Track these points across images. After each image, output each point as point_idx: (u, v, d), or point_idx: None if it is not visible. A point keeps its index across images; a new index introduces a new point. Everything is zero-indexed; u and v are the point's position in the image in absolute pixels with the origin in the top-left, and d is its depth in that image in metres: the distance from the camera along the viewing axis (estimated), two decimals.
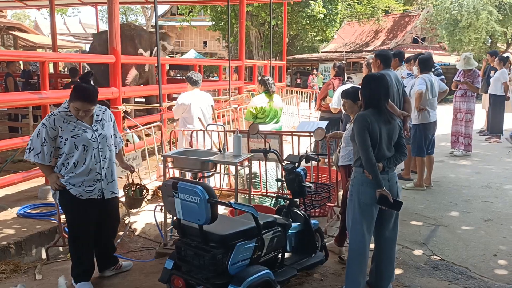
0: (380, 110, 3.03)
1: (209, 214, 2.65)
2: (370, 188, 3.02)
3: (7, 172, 5.40)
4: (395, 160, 3.09)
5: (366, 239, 3.08)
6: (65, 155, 3.18)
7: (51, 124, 3.14)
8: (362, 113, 3.07)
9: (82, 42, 29.42)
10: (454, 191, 5.83)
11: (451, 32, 22.03)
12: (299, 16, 21.65)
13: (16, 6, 15.36)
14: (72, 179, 3.19)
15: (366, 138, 2.97)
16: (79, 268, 3.34)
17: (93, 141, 3.22)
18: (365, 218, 3.07)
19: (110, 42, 5.82)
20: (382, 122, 3.01)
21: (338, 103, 6.13)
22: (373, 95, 3.06)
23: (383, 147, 3.03)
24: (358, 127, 3.00)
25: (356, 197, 3.09)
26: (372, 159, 2.95)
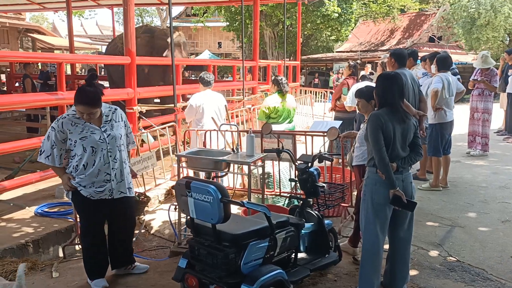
0: (395, 109, 3.00)
1: (222, 214, 2.66)
2: (383, 188, 2.99)
3: (25, 171, 5.50)
4: (409, 160, 3.06)
5: (379, 239, 3.05)
6: (76, 157, 3.23)
7: (59, 127, 3.19)
8: (375, 112, 3.05)
9: (99, 44, 29.81)
10: (471, 191, 5.75)
11: (468, 31, 21.71)
12: (313, 16, 21.59)
13: (34, 8, 15.63)
14: (83, 181, 3.24)
15: (379, 137, 2.94)
16: (91, 265, 3.39)
17: (102, 143, 3.25)
18: (378, 218, 3.04)
19: (126, 43, 5.89)
20: (397, 121, 2.98)
21: (353, 101, 6.09)
22: (387, 94, 3.04)
23: (397, 146, 3.01)
24: (372, 126, 2.98)
25: (369, 197, 3.07)
26: (385, 158, 2.93)
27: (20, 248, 3.92)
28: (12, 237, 4.07)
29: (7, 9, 16.49)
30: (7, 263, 3.66)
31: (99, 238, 3.41)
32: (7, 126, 9.58)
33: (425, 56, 6.99)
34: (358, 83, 6.25)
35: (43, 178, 5.03)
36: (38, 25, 25.21)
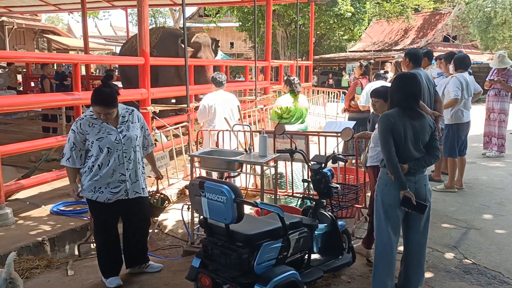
0: (408, 110, 2.97)
1: (235, 214, 2.66)
2: (393, 189, 2.97)
3: (41, 170, 5.57)
4: (424, 162, 3.01)
5: (392, 240, 3.03)
6: (92, 157, 3.27)
7: (78, 129, 3.25)
8: (386, 112, 3.04)
9: (113, 45, 30.08)
10: (487, 193, 5.67)
11: (484, 30, 21.42)
12: (326, 15, 21.49)
13: (49, 10, 15.84)
14: (98, 182, 3.28)
15: (388, 138, 2.93)
16: (105, 263, 3.44)
17: (117, 143, 3.29)
18: (389, 219, 3.03)
19: (140, 44, 5.93)
20: (409, 121, 2.95)
21: (367, 100, 6.06)
22: (400, 94, 3.01)
23: (409, 147, 2.97)
24: (381, 127, 2.98)
25: (380, 198, 3.07)
26: (393, 159, 2.91)
27: (36, 246, 3.98)
28: (28, 235, 4.12)
29: (23, 11, 16.73)
30: (24, 261, 3.72)
31: (113, 238, 3.45)
32: (23, 126, 9.71)
33: (441, 55, 6.91)
34: (373, 82, 6.20)
35: (59, 177, 5.10)
36: (54, 26, 25.57)
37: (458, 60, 5.75)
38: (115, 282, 3.38)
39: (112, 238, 3.44)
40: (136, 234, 3.57)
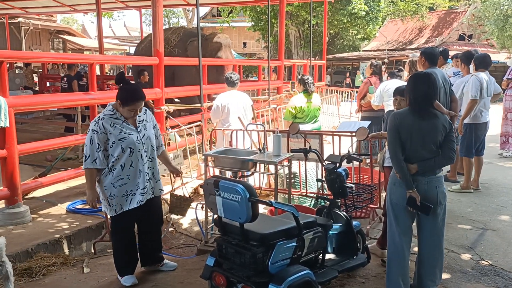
0: (418, 110, 2.95)
1: (250, 213, 2.67)
2: (401, 189, 2.98)
3: (57, 169, 5.65)
4: (434, 163, 2.96)
5: (402, 240, 3.02)
6: (113, 158, 3.25)
7: (101, 129, 3.22)
8: (395, 112, 3.07)
9: (127, 45, 30.36)
10: (504, 194, 5.59)
11: (501, 28, 21.08)
12: (340, 14, 21.37)
13: (65, 10, 16.05)
14: (128, 185, 3.29)
15: (394, 137, 2.95)
16: (121, 262, 3.46)
17: (138, 143, 3.31)
18: (398, 219, 3.03)
19: (154, 44, 5.97)
20: (418, 121, 2.93)
21: (380, 99, 6.01)
22: (411, 94, 3.00)
23: (417, 147, 2.94)
24: (388, 126, 3.02)
25: (388, 197, 3.09)
26: (398, 158, 2.92)
27: (52, 244, 4.03)
28: (45, 233, 4.18)
29: (39, 11, 16.98)
30: (41, 258, 3.77)
31: (130, 236, 3.48)
32: (39, 125, 9.85)
33: (457, 54, 6.82)
34: (387, 81, 6.16)
35: (78, 175, 5.17)
36: (69, 27, 25.89)
37: (478, 59, 5.67)
38: (131, 281, 3.41)
39: (128, 238, 3.47)
40: (153, 233, 3.61)
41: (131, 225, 3.47)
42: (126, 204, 3.31)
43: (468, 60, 6.00)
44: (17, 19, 18.57)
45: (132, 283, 3.40)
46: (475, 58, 5.73)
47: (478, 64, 5.65)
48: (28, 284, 3.47)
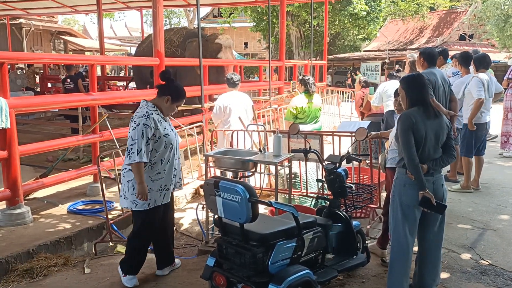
0: (426, 108, 2.96)
1: (250, 213, 2.68)
2: (412, 190, 2.95)
3: (58, 170, 5.67)
4: (441, 162, 3.00)
5: (408, 240, 3.02)
6: (156, 153, 3.31)
7: (152, 124, 3.24)
8: (406, 112, 3.02)
9: (128, 45, 30.39)
10: (504, 193, 5.59)
11: (502, 28, 21.07)
12: (340, 15, 21.37)
13: (66, 11, 16.08)
14: (164, 180, 3.38)
15: (409, 137, 2.90)
16: (133, 261, 3.46)
17: (174, 140, 3.44)
18: (407, 220, 3.01)
19: (155, 44, 5.98)
20: (429, 121, 2.93)
21: (380, 100, 6.03)
22: (416, 93, 3.01)
23: (429, 148, 2.95)
24: (402, 126, 2.95)
25: (398, 199, 3.04)
26: (415, 159, 2.88)
27: (53, 245, 4.04)
28: (46, 234, 4.20)
29: (40, 12, 17.02)
30: (42, 259, 3.78)
31: (155, 234, 3.50)
32: (40, 126, 9.87)
33: (455, 55, 6.83)
34: (386, 82, 6.18)
35: (79, 176, 5.19)
36: (70, 28, 25.90)
37: (478, 60, 5.68)
38: (133, 282, 3.42)
39: (154, 235, 3.51)
40: (168, 229, 3.64)
41: (157, 221, 3.46)
42: (160, 198, 3.39)
43: (465, 61, 6.00)
44: (18, 20, 18.60)
45: (133, 285, 3.41)
46: (475, 59, 5.73)
47: (478, 65, 5.66)
48: (29, 284, 3.48)
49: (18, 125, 4.55)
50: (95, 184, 5.36)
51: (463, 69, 6.04)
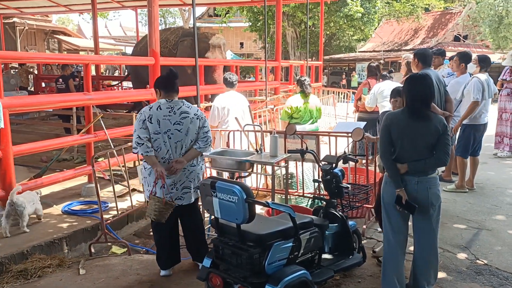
0: (415, 110, 2.97)
1: (247, 214, 2.67)
2: (391, 187, 3.02)
3: (53, 170, 5.63)
4: (425, 164, 2.97)
5: (395, 238, 3.06)
6: None
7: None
8: (390, 112, 3.12)
9: (122, 45, 30.28)
10: (498, 193, 5.62)
11: (496, 29, 21.22)
12: (336, 16, 21.40)
13: (60, 10, 16.00)
14: None
15: (384, 136, 3.01)
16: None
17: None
18: (390, 217, 3.08)
19: (150, 44, 5.95)
20: (412, 122, 2.95)
21: (373, 101, 6.04)
22: (407, 95, 3.02)
23: (408, 148, 2.97)
24: (382, 126, 3.07)
25: (381, 197, 3.14)
26: (387, 157, 2.99)
27: (48, 245, 4.01)
28: (40, 235, 4.16)
29: (34, 11, 16.92)
30: (36, 260, 3.75)
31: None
32: (34, 126, 9.80)
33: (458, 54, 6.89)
34: (380, 83, 6.19)
35: (75, 175, 5.13)
36: (64, 27, 25.76)
37: (484, 61, 5.73)
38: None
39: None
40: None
41: None
42: None
43: (466, 59, 6.02)
44: (12, 19, 18.47)
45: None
46: (481, 60, 5.75)
47: (484, 65, 5.69)
48: (23, 286, 3.45)
49: (12, 125, 4.52)
50: (90, 185, 5.33)
51: (462, 67, 6.03)
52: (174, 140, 3.38)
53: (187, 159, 3.42)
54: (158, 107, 3.39)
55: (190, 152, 3.44)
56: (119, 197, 5.02)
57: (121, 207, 4.74)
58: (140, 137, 3.35)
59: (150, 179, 3.45)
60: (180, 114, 3.40)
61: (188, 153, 3.43)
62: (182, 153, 3.42)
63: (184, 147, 3.42)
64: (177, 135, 3.38)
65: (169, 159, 3.39)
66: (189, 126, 3.40)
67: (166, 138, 3.36)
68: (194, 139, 3.46)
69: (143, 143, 3.34)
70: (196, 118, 3.45)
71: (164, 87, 3.49)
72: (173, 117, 3.37)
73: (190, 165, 3.48)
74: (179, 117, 3.39)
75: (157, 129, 3.34)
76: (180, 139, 3.39)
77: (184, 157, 3.40)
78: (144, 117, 3.37)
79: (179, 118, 3.39)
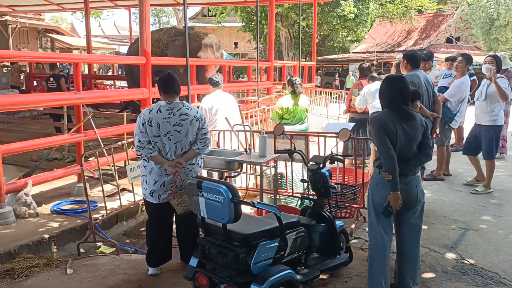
0: (397, 110, 3.00)
1: (233, 213, 2.69)
2: (384, 189, 3.00)
3: (43, 170, 5.61)
4: (415, 161, 3.02)
5: (384, 238, 3.06)
6: None
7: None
8: (377, 114, 3.08)
9: (116, 44, 30.16)
10: (486, 194, 5.66)
11: (487, 31, 21.39)
12: (329, 16, 21.48)
13: (53, 9, 15.92)
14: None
15: (384, 137, 2.94)
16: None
17: None
18: (380, 218, 3.06)
19: (141, 43, 5.95)
20: (400, 122, 2.97)
21: (363, 102, 6.08)
22: (389, 96, 3.05)
23: (402, 148, 2.99)
24: (375, 128, 3.00)
25: (371, 197, 3.11)
26: (393, 155, 2.91)
27: (36, 245, 4.00)
28: (28, 234, 4.15)
29: (27, 10, 16.82)
30: (23, 259, 3.74)
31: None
32: (25, 125, 9.75)
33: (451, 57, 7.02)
34: (369, 85, 6.24)
35: (65, 174, 5.13)
36: (57, 26, 25.61)
37: (500, 61, 5.79)
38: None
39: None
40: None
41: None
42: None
43: (471, 62, 6.17)
44: (4, 17, 18.32)
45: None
46: (498, 60, 5.80)
47: (500, 66, 5.76)
48: (10, 285, 3.44)
49: (2, 123, 4.50)
50: (80, 184, 5.31)
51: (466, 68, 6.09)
52: (173, 141, 3.41)
53: (186, 160, 3.47)
54: (158, 110, 3.41)
55: (188, 153, 3.48)
56: (109, 197, 5.02)
57: (111, 206, 4.74)
58: (141, 141, 3.40)
59: (150, 177, 3.48)
60: (180, 115, 3.42)
61: (187, 154, 3.47)
62: (181, 153, 3.45)
63: (183, 148, 3.45)
64: (176, 136, 3.41)
65: (168, 160, 3.42)
66: (189, 128, 3.43)
67: (166, 140, 3.39)
68: (193, 140, 3.49)
69: (144, 147, 3.39)
70: (196, 120, 3.48)
71: (164, 89, 3.50)
72: (173, 119, 3.39)
73: (189, 164, 3.53)
74: (179, 118, 3.41)
75: (157, 131, 3.37)
76: (180, 140, 3.42)
77: (183, 158, 3.45)
78: (144, 120, 3.39)
79: (179, 120, 3.41)
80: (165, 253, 3.64)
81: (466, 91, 6.10)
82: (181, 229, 3.67)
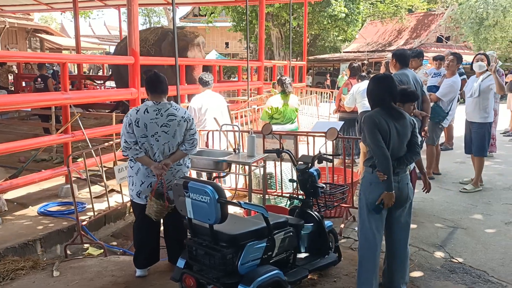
0: (387, 109, 2.99)
1: (219, 214, 2.67)
2: (377, 188, 2.98)
3: (30, 171, 5.54)
4: (405, 159, 3.03)
5: (376, 238, 3.05)
6: None
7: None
8: (369, 113, 3.05)
9: (106, 44, 29.95)
10: (475, 193, 5.69)
11: (476, 31, 21.55)
12: (320, 16, 21.51)
13: (42, 9, 15.76)
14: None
15: (377, 136, 2.92)
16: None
17: None
18: (372, 217, 3.05)
19: (129, 43, 5.90)
20: (391, 120, 2.97)
21: (352, 101, 6.08)
22: (378, 95, 3.04)
23: (393, 146, 2.99)
24: (368, 127, 2.97)
25: (363, 197, 3.09)
26: (387, 155, 2.90)
27: (22, 247, 3.95)
28: (14, 236, 4.10)
29: (15, 10, 16.65)
30: (9, 262, 3.68)
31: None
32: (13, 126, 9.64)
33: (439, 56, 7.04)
34: (359, 84, 6.26)
35: (53, 175, 5.05)
36: (47, 26, 25.41)
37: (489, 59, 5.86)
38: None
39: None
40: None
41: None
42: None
43: (461, 61, 6.22)
44: None
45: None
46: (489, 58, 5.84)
47: None
48: None
49: None
50: (67, 185, 5.24)
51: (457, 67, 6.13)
52: (161, 142, 3.37)
53: (173, 161, 3.44)
54: (145, 110, 3.36)
55: (176, 153, 3.45)
56: (97, 198, 4.97)
57: (99, 207, 4.69)
58: (127, 141, 3.35)
59: (137, 178, 3.45)
60: (167, 116, 3.38)
61: (175, 155, 3.44)
62: (169, 154, 3.42)
63: (171, 149, 3.42)
64: (164, 137, 3.37)
65: (155, 160, 3.38)
66: (176, 129, 3.39)
67: (153, 141, 3.35)
68: (181, 141, 3.45)
69: (130, 147, 3.34)
70: (184, 120, 3.44)
71: (151, 89, 3.45)
72: (160, 120, 3.35)
73: (177, 164, 3.49)
74: (166, 119, 3.37)
75: (144, 132, 3.32)
76: (167, 141, 3.38)
77: (170, 159, 3.41)
78: (130, 120, 3.35)
79: (166, 121, 3.37)
80: (153, 254, 3.61)
81: (458, 90, 6.14)
82: (168, 230, 3.64)
